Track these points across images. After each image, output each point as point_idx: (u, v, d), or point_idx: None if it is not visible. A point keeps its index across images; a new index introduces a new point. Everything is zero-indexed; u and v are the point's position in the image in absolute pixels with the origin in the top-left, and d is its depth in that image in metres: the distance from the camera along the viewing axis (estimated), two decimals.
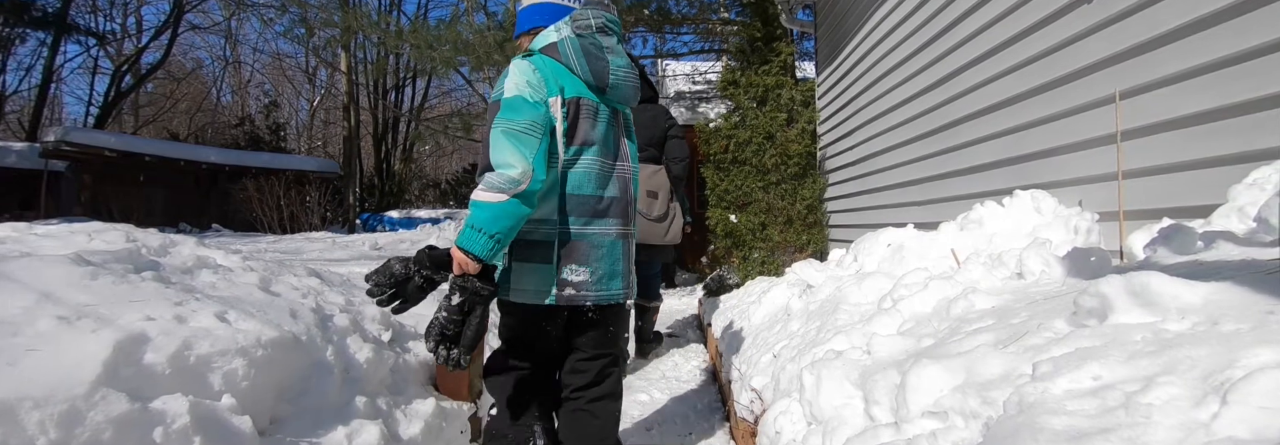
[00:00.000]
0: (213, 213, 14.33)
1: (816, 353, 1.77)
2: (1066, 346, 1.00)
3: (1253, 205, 1.42)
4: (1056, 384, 0.89)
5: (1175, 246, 1.39)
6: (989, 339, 1.22)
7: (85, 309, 1.41)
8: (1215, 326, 0.88)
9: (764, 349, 2.34)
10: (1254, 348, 0.77)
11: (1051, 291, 1.47)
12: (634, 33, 10.47)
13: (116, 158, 12.88)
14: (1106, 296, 1.04)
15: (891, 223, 3.15)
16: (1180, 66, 1.76)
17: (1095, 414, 0.78)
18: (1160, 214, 1.78)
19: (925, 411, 1.11)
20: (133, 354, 1.31)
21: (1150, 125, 1.87)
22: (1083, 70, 2.14)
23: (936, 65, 3.21)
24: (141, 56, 17.95)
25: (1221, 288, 0.96)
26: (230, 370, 1.47)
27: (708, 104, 9.73)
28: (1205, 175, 1.70)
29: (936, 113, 3.23)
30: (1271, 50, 1.51)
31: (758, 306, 3.04)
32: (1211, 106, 1.67)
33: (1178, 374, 0.78)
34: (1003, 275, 1.77)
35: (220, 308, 1.63)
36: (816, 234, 5.11)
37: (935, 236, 2.42)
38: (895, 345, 1.50)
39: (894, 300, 1.87)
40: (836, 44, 5.06)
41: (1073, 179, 2.21)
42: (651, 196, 3.31)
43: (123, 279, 1.63)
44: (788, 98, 5.41)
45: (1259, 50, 1.54)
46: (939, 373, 1.14)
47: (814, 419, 1.50)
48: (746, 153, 5.32)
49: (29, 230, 2.35)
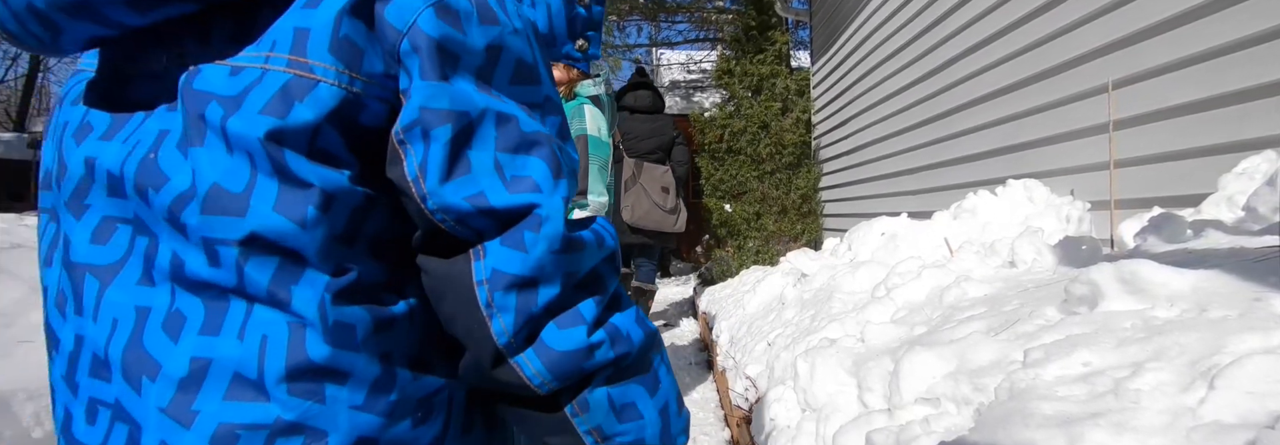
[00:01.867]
0: None
1: (811, 341, 1.79)
2: (1057, 333, 1.01)
3: (1242, 194, 1.43)
4: (1047, 370, 0.90)
5: (1165, 235, 1.41)
6: (981, 326, 1.23)
7: None
8: (1203, 313, 0.89)
9: (759, 337, 2.36)
10: (1241, 334, 0.78)
11: (1043, 280, 1.49)
12: (629, 21, 10.40)
13: None
14: (1097, 284, 1.05)
15: (886, 212, 3.16)
16: (1171, 56, 1.76)
17: (1085, 399, 0.79)
18: (1151, 203, 1.79)
19: (918, 398, 1.13)
20: None
21: (1142, 115, 1.87)
22: (1075, 60, 2.14)
23: (931, 54, 3.20)
24: None
25: (1210, 275, 0.97)
26: None
27: (703, 93, 9.70)
28: (1196, 165, 1.71)
29: (930, 102, 3.23)
30: (1260, 40, 1.52)
31: (752, 295, 3.06)
32: (1202, 96, 1.68)
33: (1166, 360, 0.79)
34: (995, 264, 1.78)
35: None
36: (811, 223, 5.13)
37: (929, 225, 2.43)
38: (889, 333, 1.51)
39: (888, 289, 1.89)
40: (831, 33, 5.04)
41: (1065, 168, 2.22)
42: (665, 192, 3.84)
43: None
44: (782, 87, 5.39)
45: (1248, 40, 1.54)
46: (932, 360, 1.15)
47: (808, 406, 1.51)
48: (741, 142, 5.31)
49: (19, 221, 2.34)
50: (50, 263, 0.51)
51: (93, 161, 0.47)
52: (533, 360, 0.46)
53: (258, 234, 0.43)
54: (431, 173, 0.44)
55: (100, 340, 0.46)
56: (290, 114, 0.43)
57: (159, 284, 0.45)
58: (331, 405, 0.45)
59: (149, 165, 0.45)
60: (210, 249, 0.43)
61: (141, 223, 0.46)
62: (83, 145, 0.48)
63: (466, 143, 0.45)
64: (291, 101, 0.43)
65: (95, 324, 0.47)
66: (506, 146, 0.46)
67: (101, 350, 0.46)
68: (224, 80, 0.44)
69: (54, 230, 0.50)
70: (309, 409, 0.44)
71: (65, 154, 0.49)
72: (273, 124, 0.43)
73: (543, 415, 0.48)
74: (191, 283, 0.45)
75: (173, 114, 0.46)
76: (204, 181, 0.43)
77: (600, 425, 0.48)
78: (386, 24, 0.45)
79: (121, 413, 0.46)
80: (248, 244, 0.43)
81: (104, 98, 0.50)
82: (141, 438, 0.45)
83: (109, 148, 0.47)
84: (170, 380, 0.44)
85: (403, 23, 0.44)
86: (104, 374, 0.46)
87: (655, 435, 0.50)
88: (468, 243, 0.45)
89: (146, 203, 0.45)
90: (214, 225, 0.43)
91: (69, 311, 0.49)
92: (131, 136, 0.47)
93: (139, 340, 0.45)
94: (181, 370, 0.44)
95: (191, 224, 0.43)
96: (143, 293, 0.46)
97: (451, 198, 0.44)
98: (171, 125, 0.46)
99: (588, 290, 0.48)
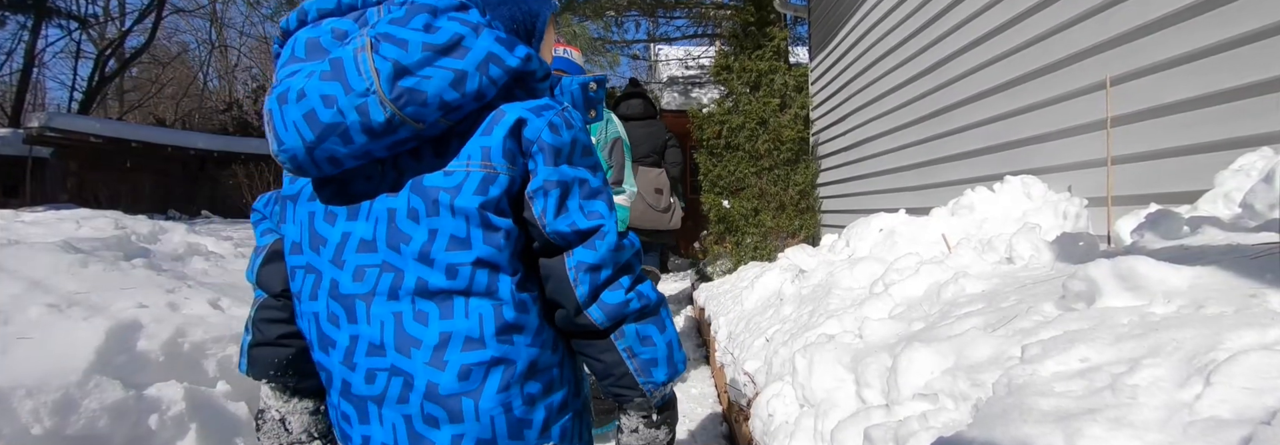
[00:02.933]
0: (202, 199, 14.19)
1: (809, 337, 1.79)
2: (1055, 329, 1.01)
3: (1238, 191, 1.43)
4: (1045, 366, 0.90)
5: (1162, 231, 1.41)
6: (979, 322, 1.23)
7: (76, 297, 1.40)
8: (1200, 309, 0.90)
9: (757, 333, 2.36)
10: (1237, 330, 0.79)
11: (1041, 276, 1.49)
12: (627, 17, 10.37)
13: (102, 144, 12.69)
14: (1094, 280, 1.05)
15: (884, 208, 3.16)
16: (1169, 53, 1.76)
17: (1082, 395, 0.80)
18: (1148, 199, 1.80)
19: (916, 394, 1.13)
20: (125, 341, 1.31)
21: (1139, 112, 1.88)
22: (1074, 56, 2.14)
23: (929, 51, 3.20)
24: (125, 40, 17.59)
25: (1206, 272, 0.98)
26: (225, 357, 1.47)
27: (701, 89, 9.68)
28: (1192, 161, 1.72)
29: (929, 98, 3.23)
30: (1257, 38, 1.52)
31: (750, 291, 3.06)
32: (1199, 93, 1.68)
33: (1163, 356, 0.80)
34: (993, 260, 1.79)
35: (213, 294, 1.63)
36: (809, 219, 5.13)
37: (927, 222, 2.43)
38: (887, 329, 1.52)
39: (885, 285, 1.89)
40: (830, 29, 5.03)
41: (1063, 165, 2.23)
42: (658, 193, 4.12)
43: (113, 266, 1.62)
44: (781, 83, 5.38)
45: (1245, 37, 1.55)
46: (929, 356, 1.16)
47: (806, 402, 1.52)
48: (739, 138, 5.30)
49: (15, 217, 2.33)
50: (315, 297, 0.82)
51: (348, 234, 0.79)
52: (596, 311, 0.83)
53: (481, 258, 0.78)
54: (548, 214, 0.80)
55: (374, 335, 0.78)
56: (488, 193, 0.78)
57: (402, 299, 0.78)
58: (517, 346, 0.81)
59: (394, 231, 0.77)
60: (451, 270, 0.77)
61: (388, 265, 0.78)
62: (336, 226, 0.80)
63: (565, 196, 0.81)
64: (487, 187, 0.78)
65: (368, 326, 0.79)
66: (584, 196, 0.83)
67: (376, 340, 0.78)
68: (442, 178, 0.77)
69: (314, 278, 0.82)
70: (507, 350, 0.79)
71: (319, 231, 0.81)
72: (480, 200, 0.77)
73: (598, 341, 0.85)
74: (430, 293, 0.77)
75: (394, 199, 0.78)
76: (443, 234, 0.77)
77: (630, 346, 0.85)
78: (525, 137, 0.79)
79: (397, 372, 0.78)
80: (476, 264, 0.78)
81: (336, 194, 0.81)
82: (414, 382, 0.77)
83: (357, 225, 0.79)
84: (428, 347, 0.77)
85: (533, 135, 0.80)
86: (379, 353, 0.78)
87: (664, 358, 0.87)
88: (563, 248, 0.82)
89: (397, 252, 0.77)
90: (453, 257, 0.77)
91: (343, 323, 0.80)
92: (370, 216, 0.79)
93: (403, 329, 0.78)
94: (434, 340, 0.77)
95: (438, 258, 0.77)
96: (393, 305, 0.78)
97: (559, 226, 0.81)
98: (396, 205, 0.78)
99: (625, 271, 0.85)
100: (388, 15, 0.75)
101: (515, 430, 0.80)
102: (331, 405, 0.85)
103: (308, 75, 0.73)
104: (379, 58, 0.71)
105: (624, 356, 0.84)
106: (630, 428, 0.89)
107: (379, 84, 0.71)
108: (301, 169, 0.77)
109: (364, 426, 0.80)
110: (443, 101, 0.74)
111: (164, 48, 22.13)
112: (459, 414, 0.77)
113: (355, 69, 0.71)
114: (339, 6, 0.84)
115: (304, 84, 0.73)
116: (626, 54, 11.54)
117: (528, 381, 0.81)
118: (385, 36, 0.73)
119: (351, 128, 0.72)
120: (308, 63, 0.77)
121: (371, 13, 0.82)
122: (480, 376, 0.78)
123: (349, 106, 0.72)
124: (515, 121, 0.79)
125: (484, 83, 0.76)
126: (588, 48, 7.51)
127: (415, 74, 0.72)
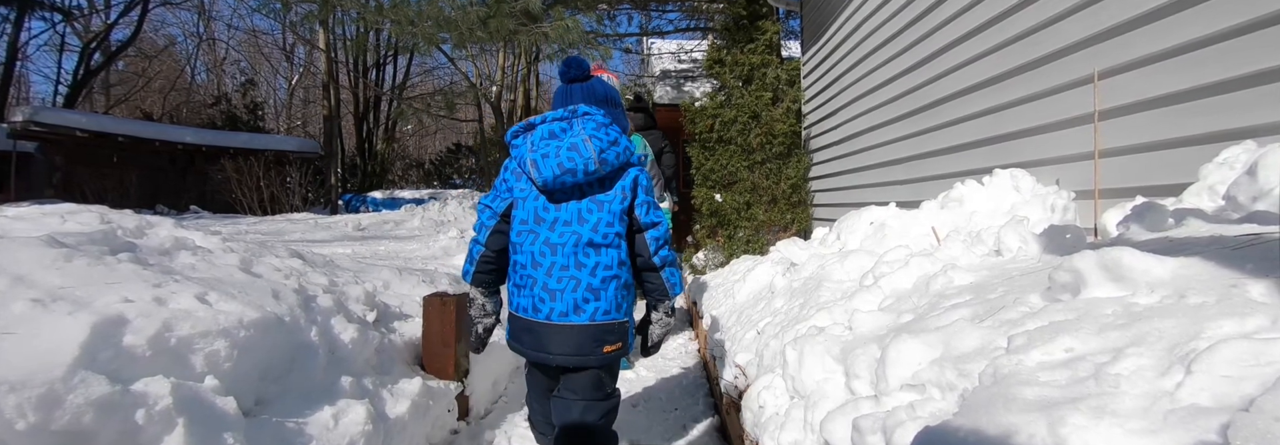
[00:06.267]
0: (190, 194, 14.07)
1: (799, 329, 1.80)
2: (1041, 320, 1.02)
3: (1222, 184, 1.45)
4: (1030, 356, 0.91)
5: (1147, 223, 1.42)
6: (966, 314, 1.24)
7: (60, 291, 1.39)
8: (1182, 299, 0.91)
9: (748, 326, 2.37)
10: (1218, 320, 0.80)
11: (1028, 267, 1.50)
12: (620, 10, 10.32)
13: (88, 138, 12.55)
14: (1080, 272, 1.06)
15: (874, 201, 3.18)
16: (1155, 48, 1.77)
17: (1066, 384, 0.81)
18: (1134, 192, 1.81)
19: (904, 384, 1.14)
20: (111, 336, 1.29)
21: (1126, 105, 1.89)
22: (1062, 51, 2.15)
23: (919, 45, 3.20)
24: (111, 33, 17.35)
25: (1189, 262, 0.99)
26: (212, 351, 1.46)
27: (693, 83, 9.66)
28: (1178, 154, 1.73)
29: (919, 92, 3.23)
30: (1242, 32, 1.53)
31: (742, 284, 3.07)
32: (1184, 87, 1.69)
33: (1146, 345, 0.81)
34: (981, 252, 1.80)
35: (200, 289, 1.61)
36: (801, 213, 5.14)
37: (916, 215, 2.44)
38: (876, 321, 1.53)
39: (875, 277, 1.90)
40: (821, 23, 5.03)
41: (1051, 158, 2.24)
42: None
43: (98, 261, 1.60)
44: (773, 77, 5.38)
45: (1230, 31, 1.56)
46: (918, 347, 1.16)
47: (796, 393, 1.53)
48: (732, 132, 5.30)
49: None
50: (535, 244, 1.61)
51: (557, 218, 1.61)
52: (656, 259, 1.67)
53: (618, 232, 1.63)
54: (640, 215, 1.64)
55: (563, 262, 1.60)
56: (623, 205, 1.63)
57: (579, 248, 1.60)
58: (622, 271, 1.65)
59: (580, 217, 1.61)
60: (604, 234, 1.60)
61: (574, 231, 1.60)
62: (549, 212, 1.62)
63: (646, 207, 1.65)
64: (628, 200, 1.64)
65: (560, 258, 1.60)
66: (653, 208, 1.67)
67: (563, 263, 1.60)
68: (604, 196, 1.62)
69: (533, 236, 1.62)
70: (619, 271, 1.63)
71: (541, 214, 1.62)
72: (621, 208, 1.63)
73: (653, 274, 1.69)
74: (590, 245, 1.60)
75: (580, 203, 1.61)
76: (603, 221, 1.61)
77: (666, 277, 1.69)
78: (632, 177, 1.65)
79: (573, 278, 1.60)
80: (615, 234, 1.62)
81: (552, 198, 1.62)
82: (579, 283, 1.59)
83: (562, 213, 1.61)
84: (587, 268, 1.60)
85: (635, 177, 1.65)
86: (564, 270, 1.60)
87: (677, 282, 1.70)
88: (645, 230, 1.66)
89: (581, 223, 1.60)
90: (604, 230, 1.61)
91: (547, 256, 1.61)
92: (566, 210, 1.61)
93: (578, 259, 1.60)
94: (590, 265, 1.60)
95: (602, 228, 1.61)
96: (573, 249, 1.60)
97: (645, 220, 1.65)
98: (581, 206, 1.61)
99: (668, 243, 1.70)
100: (590, 124, 1.61)
101: (616, 305, 1.61)
102: (528, 294, 1.62)
103: (556, 148, 1.57)
104: (594, 145, 1.57)
105: (664, 279, 1.68)
106: (657, 318, 1.73)
107: (595, 155, 1.56)
108: (546, 186, 1.58)
109: (553, 304, 1.59)
110: (612, 164, 1.60)
111: (150, 41, 21.86)
112: (599, 297, 1.59)
113: (584, 148, 1.56)
114: (562, 118, 1.63)
115: (556, 152, 1.56)
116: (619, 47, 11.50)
117: (624, 287, 1.64)
118: (592, 136, 1.58)
119: (579, 172, 1.56)
120: (551, 141, 1.59)
121: (576, 123, 1.62)
122: (607, 282, 1.60)
123: (580, 164, 1.56)
124: (634, 176, 1.65)
125: (624, 157, 1.63)
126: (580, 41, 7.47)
127: (606, 153, 1.58)
